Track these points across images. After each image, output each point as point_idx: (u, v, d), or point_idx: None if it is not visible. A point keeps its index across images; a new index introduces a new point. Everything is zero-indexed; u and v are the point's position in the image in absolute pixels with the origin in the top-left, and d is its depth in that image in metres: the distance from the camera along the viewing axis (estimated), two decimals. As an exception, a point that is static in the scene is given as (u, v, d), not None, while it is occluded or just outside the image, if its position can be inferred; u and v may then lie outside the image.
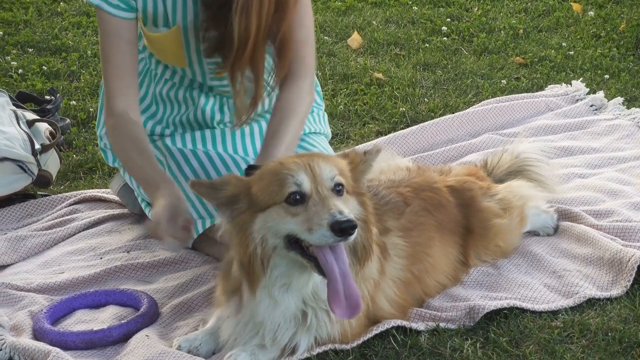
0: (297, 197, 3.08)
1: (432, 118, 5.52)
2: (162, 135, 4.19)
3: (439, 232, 3.70)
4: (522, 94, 5.84)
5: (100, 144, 4.45)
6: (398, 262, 3.49)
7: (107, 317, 3.67)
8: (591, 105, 5.64)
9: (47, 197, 4.69)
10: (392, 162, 4.16)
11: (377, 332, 3.35)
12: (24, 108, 5.14)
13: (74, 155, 5.18)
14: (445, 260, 3.73)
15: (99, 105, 4.44)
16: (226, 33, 3.71)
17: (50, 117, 5.24)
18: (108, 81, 3.90)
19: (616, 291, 3.63)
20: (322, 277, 3.10)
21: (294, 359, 3.23)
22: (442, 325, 3.42)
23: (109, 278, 3.97)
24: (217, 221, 3.34)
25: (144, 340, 3.42)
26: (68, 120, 5.50)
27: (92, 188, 4.82)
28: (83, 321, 3.67)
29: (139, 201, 4.35)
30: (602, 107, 5.62)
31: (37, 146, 4.71)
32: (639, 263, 3.68)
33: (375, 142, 5.08)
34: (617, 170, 4.74)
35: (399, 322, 3.40)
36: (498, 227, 3.88)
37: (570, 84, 5.93)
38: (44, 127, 4.99)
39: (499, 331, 3.38)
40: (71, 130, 5.45)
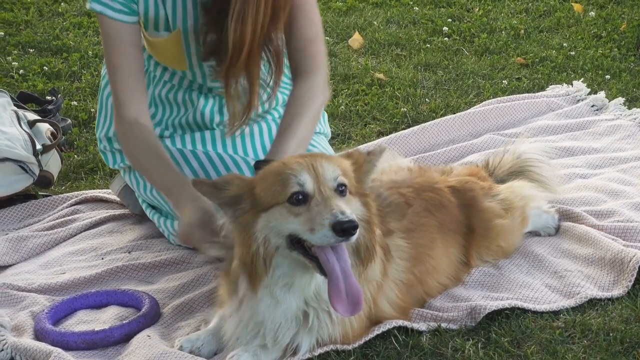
0: (299, 197, 3.07)
1: (433, 118, 5.52)
2: (162, 137, 4.18)
3: (441, 233, 3.70)
4: (523, 95, 5.84)
5: (100, 147, 4.44)
6: (400, 264, 3.49)
7: (108, 318, 3.67)
8: (592, 106, 5.64)
9: (49, 198, 4.69)
10: (393, 162, 4.15)
11: (378, 332, 3.35)
12: (25, 108, 5.14)
13: (75, 156, 5.18)
14: (447, 261, 3.73)
15: (97, 107, 4.42)
16: (222, 38, 3.71)
17: (51, 118, 5.24)
18: (117, 88, 3.85)
19: (617, 291, 3.63)
20: (324, 277, 3.10)
21: (296, 359, 3.23)
22: (443, 325, 3.42)
23: (111, 278, 3.97)
24: (220, 221, 3.34)
25: (146, 340, 3.42)
26: (69, 120, 5.51)
27: (94, 188, 4.82)
28: (84, 321, 3.67)
29: (139, 202, 4.36)
30: (603, 107, 5.62)
31: (39, 146, 4.72)
32: (640, 263, 3.69)
33: (376, 143, 5.08)
34: (618, 171, 4.73)
35: (400, 322, 3.40)
36: (500, 228, 3.88)
37: (572, 84, 5.93)
38: (45, 127, 4.99)
39: (500, 331, 3.38)
40: (72, 130, 5.45)
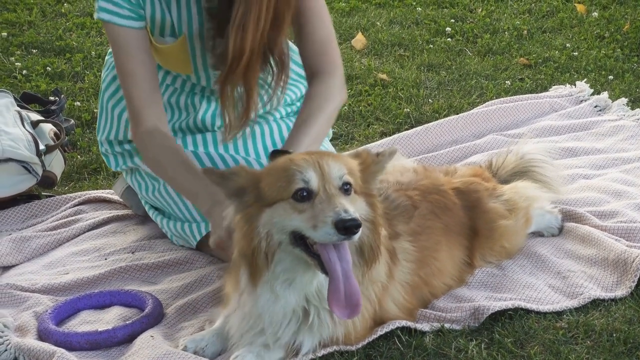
0: (304, 193, 3.08)
1: (436, 119, 5.52)
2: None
3: (446, 236, 3.70)
4: (526, 95, 5.83)
5: (101, 149, 4.43)
6: (406, 266, 3.49)
7: (111, 318, 3.67)
8: (595, 106, 5.64)
9: (52, 198, 4.69)
10: (397, 162, 4.15)
11: (381, 332, 3.35)
12: (28, 109, 5.14)
13: (79, 156, 5.18)
14: (452, 263, 3.73)
15: (98, 111, 4.41)
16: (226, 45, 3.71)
17: (54, 118, 5.25)
18: (132, 95, 3.82)
19: (621, 292, 3.63)
20: (325, 276, 3.10)
21: (298, 359, 3.23)
22: (447, 326, 3.41)
23: (114, 279, 3.97)
24: (228, 212, 3.34)
25: (149, 341, 3.42)
26: (72, 121, 5.51)
27: (97, 189, 4.82)
28: (88, 322, 3.67)
29: (142, 203, 4.36)
30: (606, 108, 5.62)
31: (42, 147, 4.72)
32: (643, 264, 3.69)
33: (379, 143, 5.08)
34: (622, 171, 4.73)
35: (403, 322, 3.40)
36: (504, 229, 3.88)
37: (575, 84, 5.93)
38: (48, 128, 4.99)
39: (503, 332, 3.38)
40: (75, 131, 5.45)
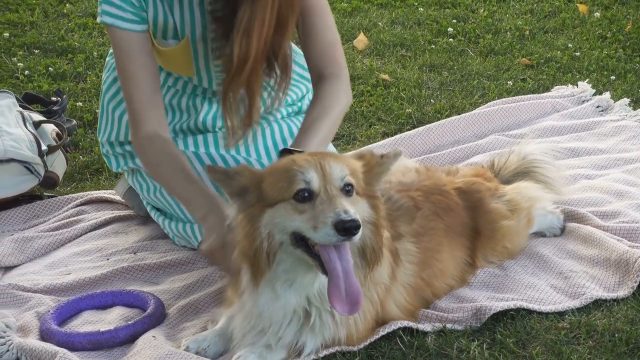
0: (305, 194, 3.08)
1: (438, 119, 5.52)
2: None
3: (448, 236, 3.70)
4: (528, 95, 5.83)
5: (103, 151, 4.43)
6: (409, 267, 3.49)
7: (113, 318, 3.67)
8: (597, 107, 5.64)
9: (54, 198, 4.70)
10: (400, 163, 4.15)
11: (383, 333, 3.35)
12: (30, 109, 5.15)
13: (80, 157, 5.18)
14: (454, 264, 3.73)
15: (100, 112, 4.42)
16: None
17: (56, 119, 5.25)
18: (133, 99, 3.81)
19: (623, 292, 3.63)
20: (326, 276, 3.10)
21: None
22: (448, 326, 3.41)
23: (116, 279, 3.97)
24: (229, 212, 3.34)
25: (151, 341, 3.42)
26: (74, 121, 5.51)
27: (99, 189, 4.82)
28: (90, 322, 3.67)
29: (144, 204, 4.36)
30: (608, 108, 5.62)
31: (44, 147, 4.72)
32: (645, 264, 3.68)
33: (382, 143, 5.09)
34: (624, 172, 4.73)
35: (405, 323, 3.40)
36: (506, 229, 3.88)
37: (577, 85, 5.93)
38: (50, 128, 5.00)
39: (505, 332, 3.37)
40: (77, 131, 5.46)
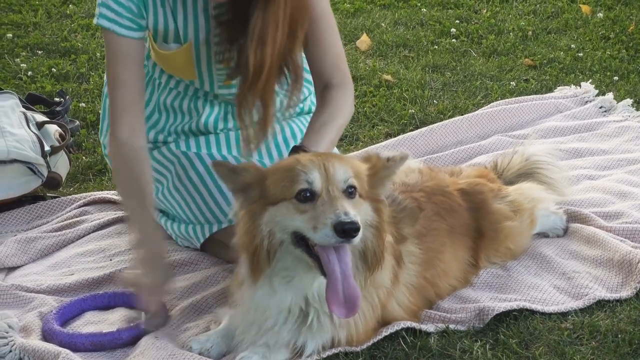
0: (307, 194, 3.08)
1: (441, 120, 5.52)
2: (166, 142, 4.18)
3: (451, 237, 3.70)
4: (531, 96, 5.83)
5: (105, 152, 4.43)
6: (412, 268, 3.49)
7: (116, 319, 3.67)
8: (600, 107, 5.63)
9: (57, 199, 4.70)
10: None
11: (386, 333, 3.35)
12: (33, 110, 5.15)
13: (84, 157, 5.19)
14: (457, 265, 3.73)
15: (101, 113, 4.42)
16: (241, 57, 3.70)
17: (59, 119, 5.25)
18: (115, 103, 3.80)
19: (626, 293, 3.63)
20: (324, 277, 3.10)
21: (302, 360, 3.25)
22: (451, 326, 3.42)
23: (119, 280, 3.97)
24: (231, 210, 3.34)
25: (154, 342, 3.42)
26: (77, 122, 5.52)
27: (102, 190, 4.82)
28: (92, 322, 3.67)
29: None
30: (611, 108, 5.62)
31: (47, 148, 4.72)
32: (648, 265, 3.68)
33: (385, 144, 5.09)
34: (627, 172, 4.73)
35: (408, 323, 3.40)
36: (509, 230, 3.88)
37: (580, 85, 5.93)
38: (53, 129, 5.00)
39: (508, 333, 3.37)
40: (80, 132, 5.46)
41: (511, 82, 6.18)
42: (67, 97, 5.58)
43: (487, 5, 7.97)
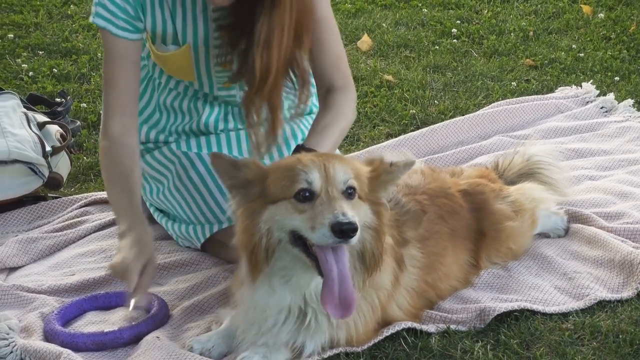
0: (306, 194, 3.08)
1: (442, 120, 5.52)
2: (166, 142, 4.19)
3: (452, 240, 3.70)
4: (532, 96, 5.83)
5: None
6: (413, 272, 3.49)
7: (117, 319, 3.67)
8: (601, 107, 5.63)
9: (58, 199, 4.70)
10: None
11: (387, 334, 3.35)
12: (34, 110, 5.15)
13: (85, 158, 5.19)
14: (458, 266, 3.73)
15: (102, 114, 4.43)
16: (242, 62, 3.70)
17: (60, 120, 5.25)
18: (109, 102, 3.83)
19: (627, 293, 3.63)
20: (321, 277, 3.10)
21: (301, 360, 3.25)
22: (452, 327, 3.42)
23: (120, 280, 3.97)
24: (229, 208, 3.34)
25: (155, 342, 3.42)
26: (78, 122, 5.52)
27: (103, 190, 4.81)
28: (94, 322, 3.68)
29: (147, 205, 4.36)
30: (612, 109, 5.61)
31: (48, 148, 4.73)
32: (649, 265, 3.68)
33: (385, 145, 5.09)
34: (628, 173, 4.73)
35: (409, 324, 3.40)
36: (510, 230, 3.88)
37: (581, 86, 5.93)
38: (54, 129, 5.00)
39: (509, 333, 3.37)
40: (82, 132, 5.46)
41: (512, 83, 6.18)
42: (68, 97, 5.58)
43: (488, 6, 7.97)
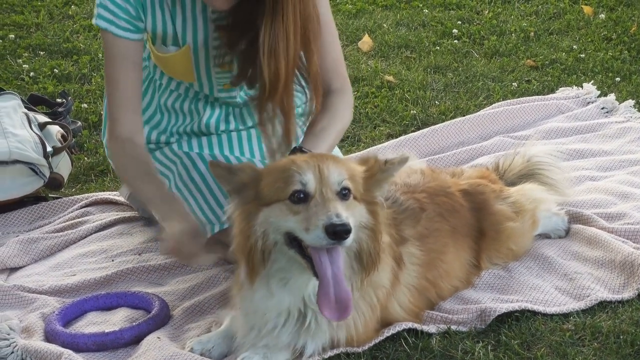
0: (300, 195, 3.08)
1: (443, 121, 5.52)
2: (168, 143, 4.19)
3: (453, 238, 3.70)
4: (533, 97, 5.83)
5: (107, 153, 4.44)
6: (413, 269, 3.49)
7: (118, 320, 3.68)
8: (602, 108, 5.63)
9: (59, 200, 4.70)
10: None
11: (388, 334, 3.35)
12: (35, 111, 5.16)
13: (86, 158, 5.19)
14: (459, 265, 3.73)
15: (103, 114, 4.43)
16: (243, 63, 3.71)
17: (61, 120, 5.25)
18: (113, 104, 3.84)
19: (628, 294, 3.63)
20: (317, 279, 3.10)
21: (302, 361, 3.25)
22: (453, 327, 3.41)
23: (120, 280, 3.98)
24: (226, 212, 3.35)
25: (156, 342, 3.42)
26: (79, 123, 5.52)
27: (104, 191, 4.83)
28: (94, 323, 3.68)
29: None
30: (613, 109, 5.61)
31: (49, 149, 4.73)
32: (650, 266, 3.68)
33: (386, 145, 5.09)
34: (629, 173, 4.73)
35: (410, 324, 3.40)
36: (510, 230, 3.88)
37: (582, 86, 5.92)
38: (55, 129, 5.00)
39: (510, 334, 3.37)
40: (82, 133, 5.46)
41: (513, 83, 6.18)
42: (69, 98, 5.58)
43: (489, 6, 7.97)
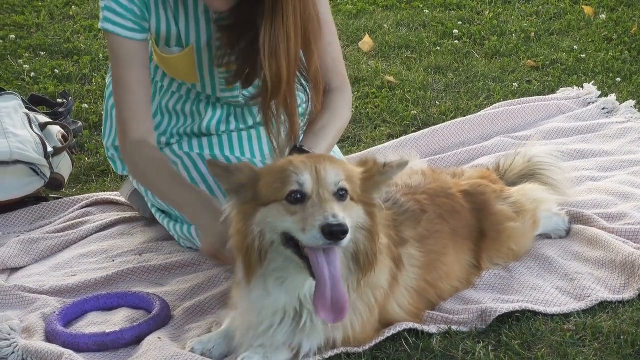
0: (297, 196, 3.08)
1: (443, 121, 5.52)
2: (168, 144, 4.19)
3: (453, 239, 3.70)
4: (534, 97, 5.83)
5: (108, 154, 4.45)
6: (412, 271, 3.49)
7: (119, 320, 3.68)
8: (603, 108, 5.63)
9: (60, 200, 4.71)
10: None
11: (389, 334, 3.35)
12: (36, 111, 5.16)
13: (86, 158, 5.19)
14: (459, 267, 3.73)
15: (104, 115, 4.43)
16: (241, 62, 3.72)
17: (62, 120, 5.26)
18: (124, 107, 3.82)
19: (628, 294, 3.63)
20: (313, 279, 3.10)
21: (300, 361, 3.25)
22: (454, 328, 3.41)
23: (121, 280, 3.98)
24: (225, 207, 3.35)
25: (156, 342, 3.42)
26: (80, 123, 5.52)
27: (104, 191, 4.83)
28: (95, 323, 3.68)
29: (149, 206, 4.36)
30: (614, 110, 5.61)
31: (50, 149, 4.73)
32: (651, 266, 3.68)
33: (387, 145, 5.09)
34: (629, 173, 4.73)
35: (410, 324, 3.40)
36: (511, 231, 3.88)
37: (582, 87, 5.92)
38: (56, 130, 5.00)
39: (511, 334, 3.37)
40: (83, 133, 5.46)
41: (514, 84, 6.18)
42: (70, 98, 5.59)
43: (490, 7, 7.97)
